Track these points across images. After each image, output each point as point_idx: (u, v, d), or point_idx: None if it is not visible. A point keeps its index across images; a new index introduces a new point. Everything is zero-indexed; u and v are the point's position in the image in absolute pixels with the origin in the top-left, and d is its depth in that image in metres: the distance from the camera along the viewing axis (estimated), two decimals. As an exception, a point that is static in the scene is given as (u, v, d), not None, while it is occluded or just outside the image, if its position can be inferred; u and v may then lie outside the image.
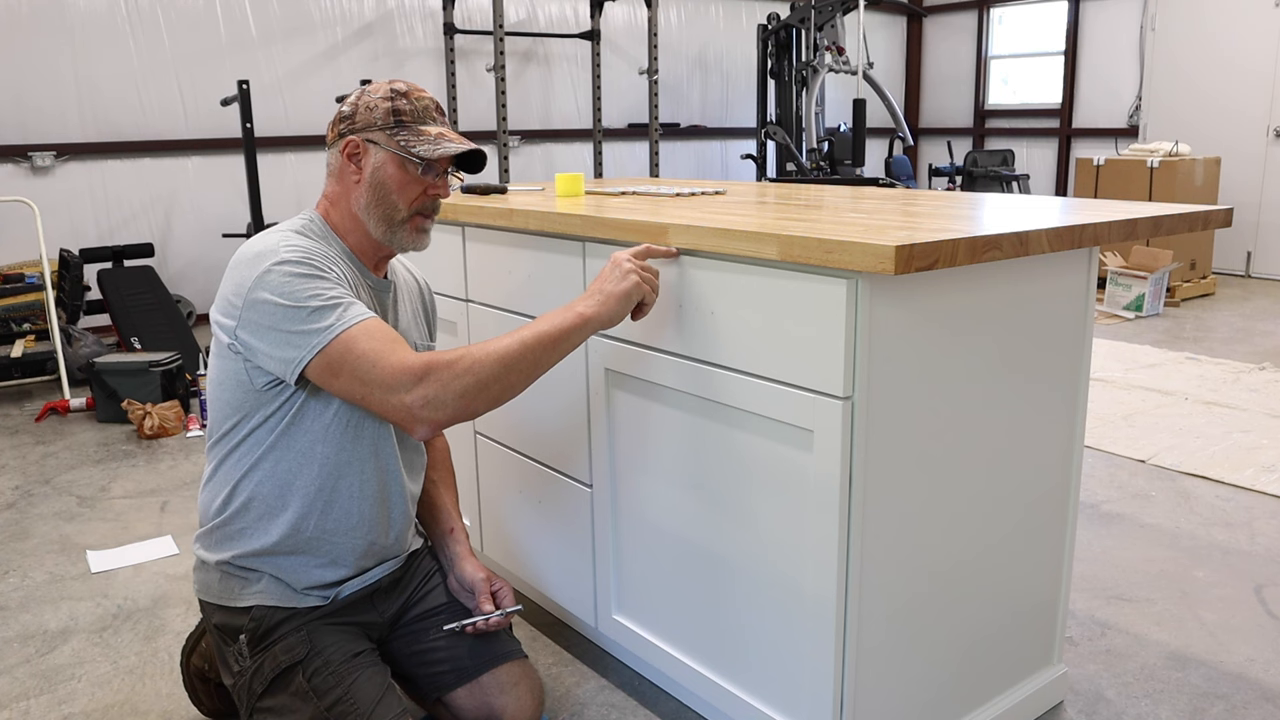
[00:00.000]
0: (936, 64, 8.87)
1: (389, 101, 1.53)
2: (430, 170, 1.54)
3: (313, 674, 1.50)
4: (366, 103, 1.54)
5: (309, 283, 1.41)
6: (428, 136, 1.53)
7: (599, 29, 6.44)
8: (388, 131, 1.52)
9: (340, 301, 1.42)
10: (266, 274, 1.42)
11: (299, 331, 1.40)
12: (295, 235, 1.50)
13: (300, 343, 1.40)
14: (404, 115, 1.53)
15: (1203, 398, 3.86)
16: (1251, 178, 6.59)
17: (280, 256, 1.43)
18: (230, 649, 1.56)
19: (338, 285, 1.45)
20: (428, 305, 1.81)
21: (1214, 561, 2.44)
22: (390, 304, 1.64)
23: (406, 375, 1.38)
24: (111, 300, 4.52)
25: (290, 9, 5.71)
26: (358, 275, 1.56)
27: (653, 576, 1.78)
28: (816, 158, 6.29)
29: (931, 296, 1.41)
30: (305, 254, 1.45)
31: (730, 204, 1.89)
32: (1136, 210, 1.68)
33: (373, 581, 1.64)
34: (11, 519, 2.83)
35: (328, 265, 1.47)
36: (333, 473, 1.54)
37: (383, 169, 1.53)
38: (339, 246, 1.56)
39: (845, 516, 1.38)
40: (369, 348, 1.39)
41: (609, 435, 1.80)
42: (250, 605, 1.54)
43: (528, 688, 1.66)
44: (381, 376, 1.38)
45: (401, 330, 1.66)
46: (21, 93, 4.97)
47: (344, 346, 1.39)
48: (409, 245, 1.58)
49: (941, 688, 1.60)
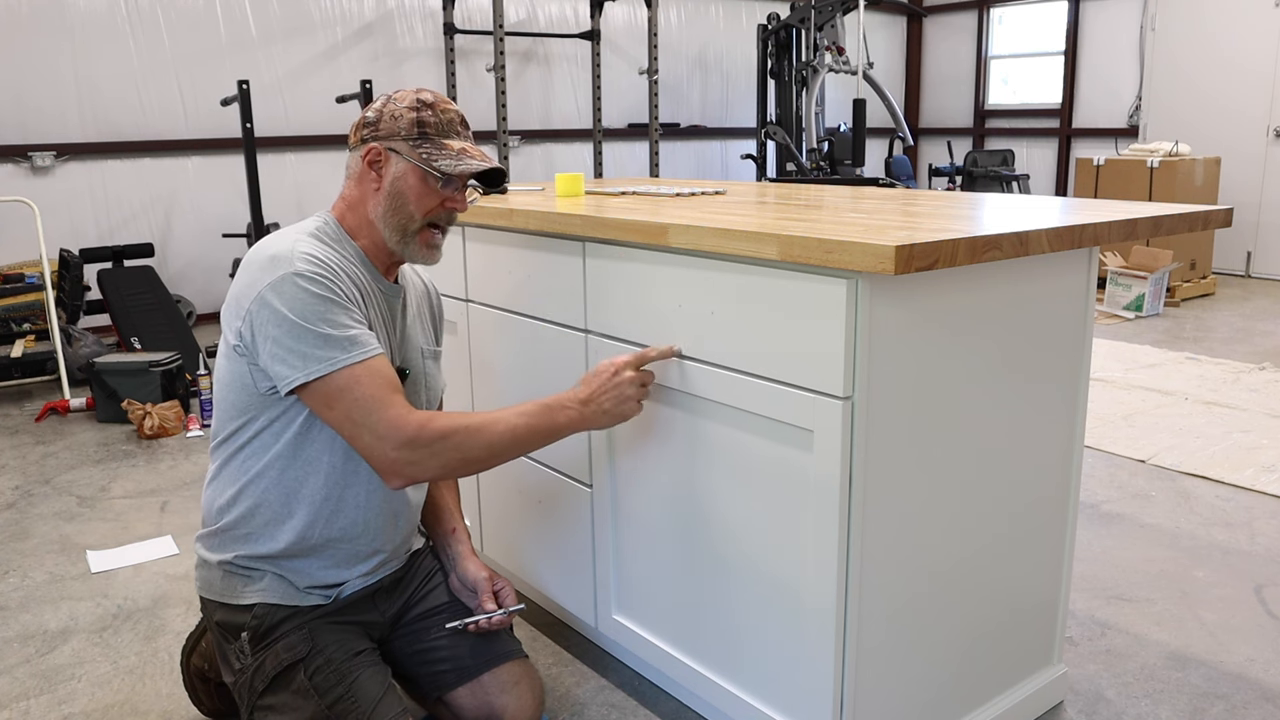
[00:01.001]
0: (936, 64, 8.87)
1: (414, 112, 1.52)
2: (450, 185, 1.54)
3: (314, 672, 1.50)
4: (392, 111, 1.53)
5: (322, 305, 1.41)
6: (450, 151, 1.52)
7: (599, 29, 6.44)
8: (411, 142, 1.52)
9: (349, 334, 1.42)
10: (281, 282, 1.41)
11: (301, 353, 1.40)
12: (310, 240, 1.50)
13: (298, 365, 1.40)
14: (428, 127, 1.52)
15: (1203, 398, 3.86)
16: (1251, 178, 6.59)
17: (296, 267, 1.42)
18: (232, 647, 1.56)
19: (349, 309, 1.44)
20: (434, 308, 1.81)
21: (1214, 561, 2.44)
22: (399, 309, 1.64)
23: (399, 432, 1.40)
24: (111, 300, 4.52)
25: (290, 9, 5.71)
26: (369, 280, 1.56)
27: (653, 576, 1.78)
28: (816, 158, 6.29)
29: (931, 296, 1.41)
30: (320, 268, 1.44)
31: (730, 204, 1.89)
32: (1136, 210, 1.68)
33: (375, 581, 1.64)
34: (11, 519, 2.83)
35: (339, 282, 1.46)
36: (339, 481, 1.54)
37: (403, 179, 1.52)
38: (353, 249, 1.56)
39: (845, 517, 1.38)
40: (370, 393, 1.40)
41: (609, 435, 1.80)
42: (252, 603, 1.55)
43: (528, 687, 1.66)
44: (375, 424, 1.40)
45: (407, 333, 1.66)
46: (21, 93, 4.97)
47: (345, 383, 1.40)
48: (419, 258, 1.58)
49: (942, 687, 1.60)
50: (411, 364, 1.66)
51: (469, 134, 1.59)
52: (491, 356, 2.11)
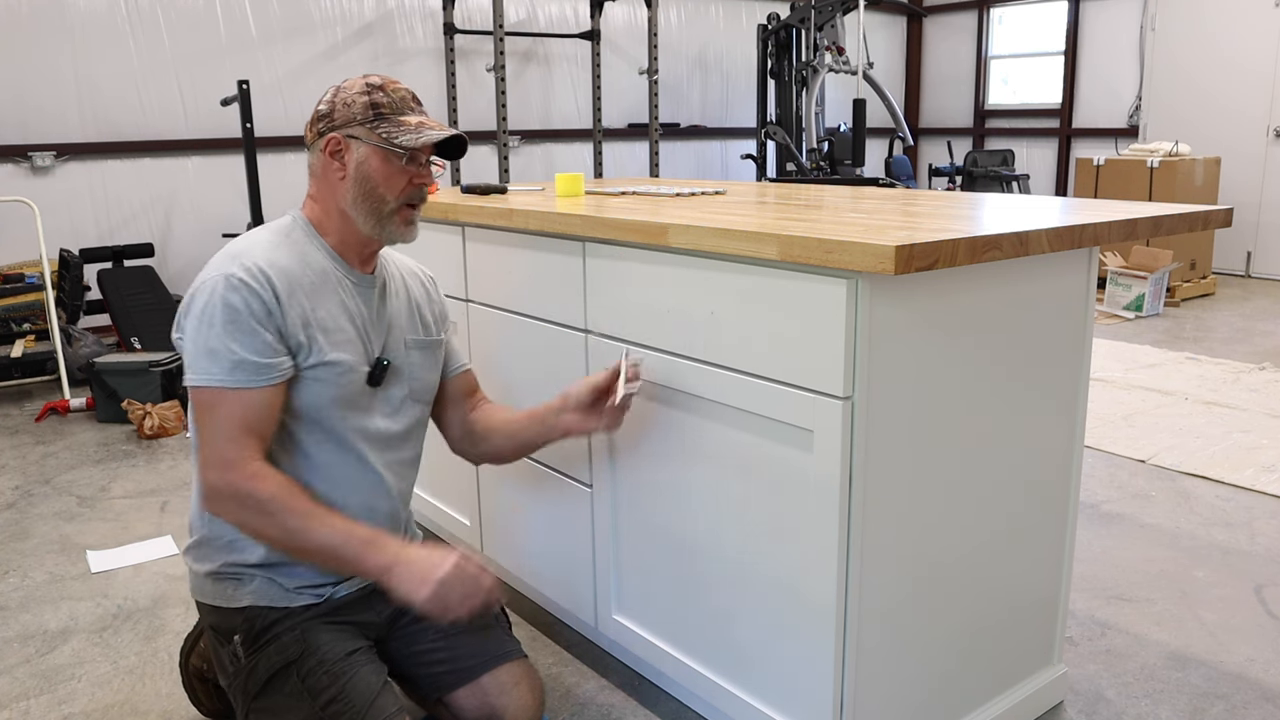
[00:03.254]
0: (936, 64, 8.87)
1: (366, 95, 1.53)
2: (414, 160, 1.54)
3: (307, 674, 1.49)
4: (344, 99, 1.53)
5: (231, 317, 1.42)
6: (408, 126, 1.53)
7: (599, 29, 6.44)
8: (368, 125, 1.52)
9: (236, 357, 1.42)
10: (215, 284, 1.44)
11: (194, 354, 1.44)
12: (267, 244, 1.51)
13: (190, 364, 1.44)
14: (383, 108, 1.53)
15: (1203, 398, 3.86)
16: (1251, 178, 6.59)
17: (231, 270, 1.44)
18: (225, 650, 1.56)
19: (260, 331, 1.44)
20: (429, 298, 1.78)
21: (1214, 561, 2.44)
22: (376, 298, 1.62)
23: (220, 472, 1.43)
24: (111, 300, 4.52)
25: (290, 9, 5.71)
26: (340, 275, 1.56)
27: (653, 576, 1.78)
28: (816, 158, 6.28)
29: (931, 296, 1.41)
30: (255, 280, 1.44)
31: (730, 204, 1.89)
32: (1136, 210, 1.68)
33: (368, 581, 1.63)
34: (11, 519, 2.83)
35: (278, 295, 1.45)
36: (310, 485, 1.53)
37: (367, 163, 1.52)
38: (319, 248, 1.56)
39: (845, 516, 1.38)
40: (223, 421, 1.43)
41: (609, 435, 1.80)
42: (244, 606, 1.54)
43: (528, 688, 1.65)
44: (210, 451, 1.43)
45: (391, 322, 1.64)
46: (21, 93, 4.97)
47: (211, 401, 1.43)
48: (398, 237, 1.58)
49: (941, 687, 1.60)
50: (393, 354, 1.64)
51: (423, 110, 1.59)
52: (492, 356, 2.11)
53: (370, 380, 1.59)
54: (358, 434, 1.58)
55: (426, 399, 1.73)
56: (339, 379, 1.53)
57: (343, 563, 1.47)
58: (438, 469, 2.45)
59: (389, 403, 1.63)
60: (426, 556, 1.47)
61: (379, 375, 1.60)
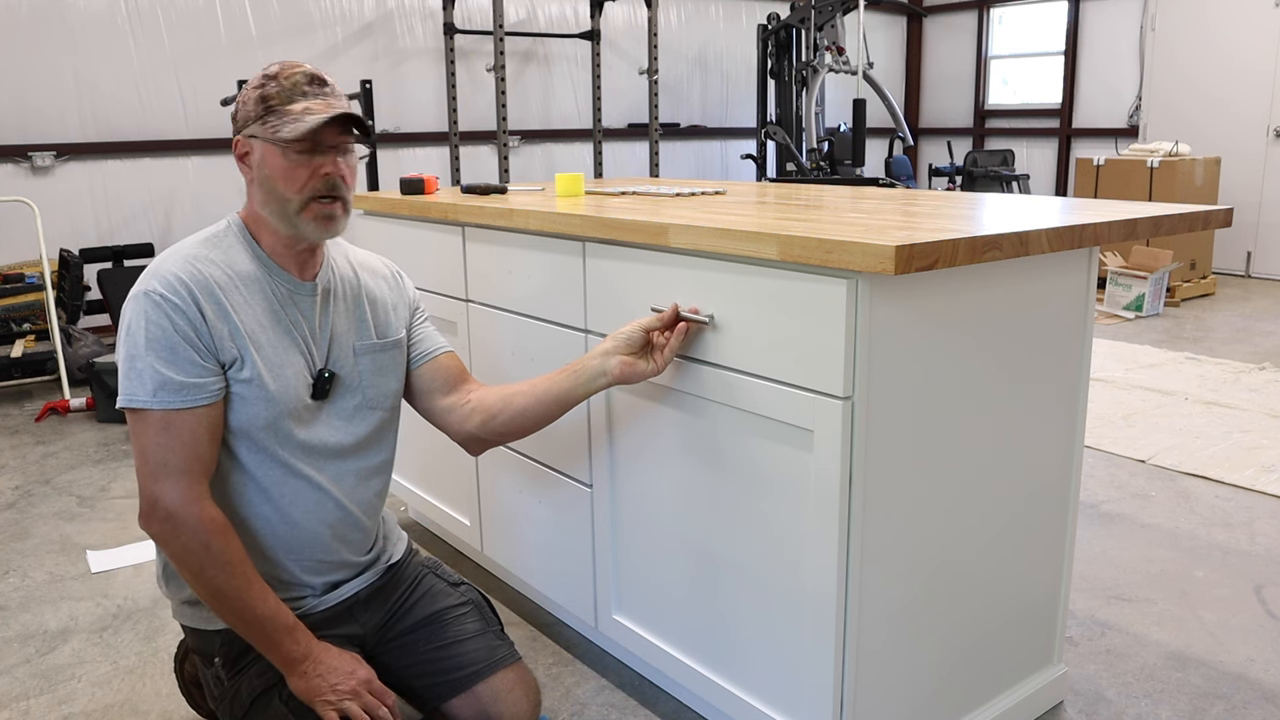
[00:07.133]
0: (936, 64, 8.87)
1: (259, 89, 1.42)
2: (316, 149, 1.42)
3: (289, 696, 1.47)
4: (244, 98, 1.44)
5: (153, 347, 1.37)
6: (293, 115, 1.40)
7: (599, 29, 6.44)
8: (260, 122, 1.42)
9: (163, 376, 1.37)
10: (138, 301, 1.39)
11: (123, 373, 1.39)
12: (189, 259, 1.43)
13: (122, 383, 1.39)
14: (272, 99, 1.41)
15: (1203, 398, 3.86)
16: (1251, 178, 6.59)
17: (153, 286, 1.39)
18: (209, 672, 1.55)
19: (186, 349, 1.38)
20: (393, 294, 1.67)
21: (1214, 561, 2.44)
22: (316, 307, 1.53)
23: (145, 496, 1.39)
24: (111, 300, 4.52)
25: (290, 9, 5.71)
26: (272, 284, 1.48)
27: (653, 576, 1.78)
28: (816, 158, 6.28)
29: (931, 296, 1.41)
30: (178, 303, 1.38)
31: (730, 204, 1.89)
32: (1136, 210, 1.68)
33: (349, 595, 1.61)
34: (11, 519, 2.83)
35: (197, 319, 1.39)
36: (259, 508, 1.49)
37: (264, 163, 1.42)
38: (251, 254, 1.48)
39: (845, 516, 1.38)
40: (146, 443, 1.38)
41: (609, 435, 1.80)
42: (221, 628, 1.51)
43: (523, 692, 1.64)
44: (138, 471, 1.40)
45: (335, 330, 1.56)
46: (21, 93, 4.97)
47: (137, 423, 1.39)
48: (316, 235, 1.46)
49: (942, 687, 1.60)
50: (339, 364, 1.55)
51: (323, 90, 1.44)
52: (491, 357, 2.11)
53: (314, 394, 1.51)
54: (299, 449, 1.50)
55: (385, 405, 1.63)
56: (276, 394, 1.45)
57: (259, 641, 1.43)
58: (438, 469, 2.46)
59: (339, 414, 1.55)
60: (339, 668, 1.45)
61: (323, 388, 1.52)
